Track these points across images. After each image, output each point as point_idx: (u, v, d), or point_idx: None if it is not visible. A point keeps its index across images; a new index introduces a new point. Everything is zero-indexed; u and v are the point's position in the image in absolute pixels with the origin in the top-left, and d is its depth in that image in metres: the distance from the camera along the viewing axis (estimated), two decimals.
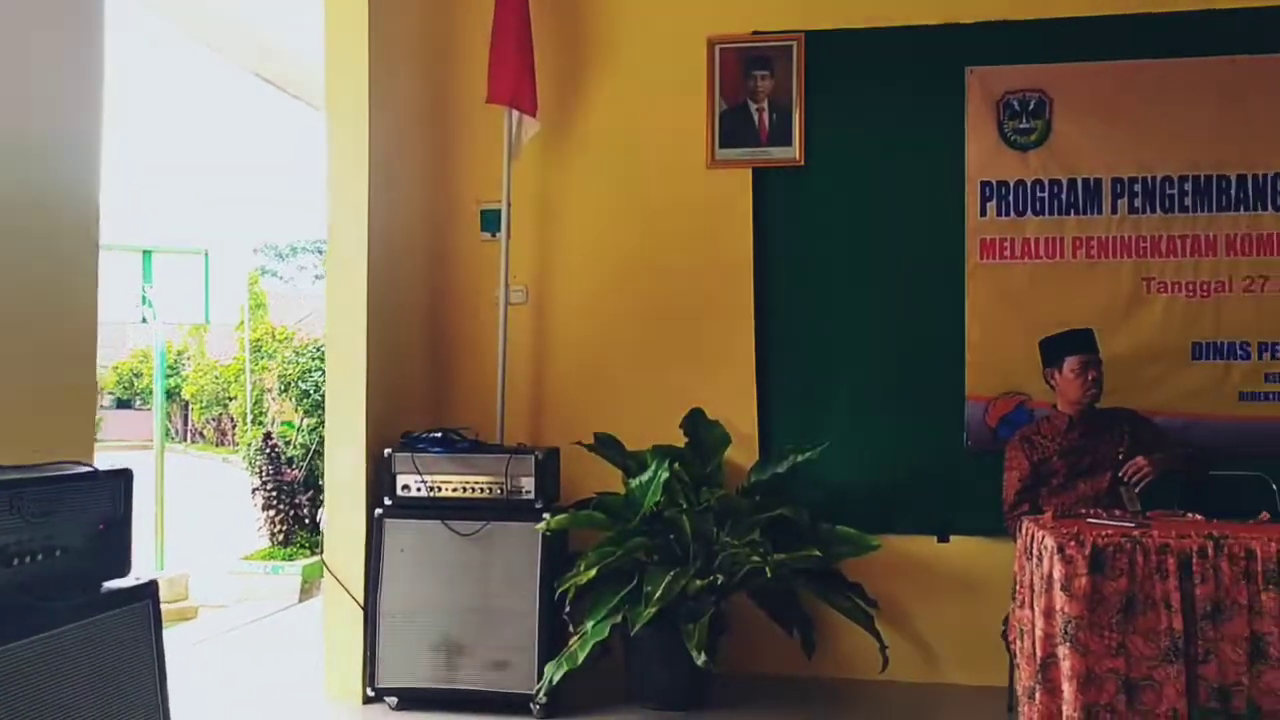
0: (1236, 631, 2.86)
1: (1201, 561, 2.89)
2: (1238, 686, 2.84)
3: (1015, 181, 4.48)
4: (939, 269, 4.53)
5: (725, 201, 4.69)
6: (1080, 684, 2.85)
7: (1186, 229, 4.37)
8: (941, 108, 4.54)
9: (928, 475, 4.51)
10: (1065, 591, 2.91)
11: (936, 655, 4.52)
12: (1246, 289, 4.32)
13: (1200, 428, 4.31)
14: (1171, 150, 4.38)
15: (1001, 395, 4.46)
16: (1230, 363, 4.33)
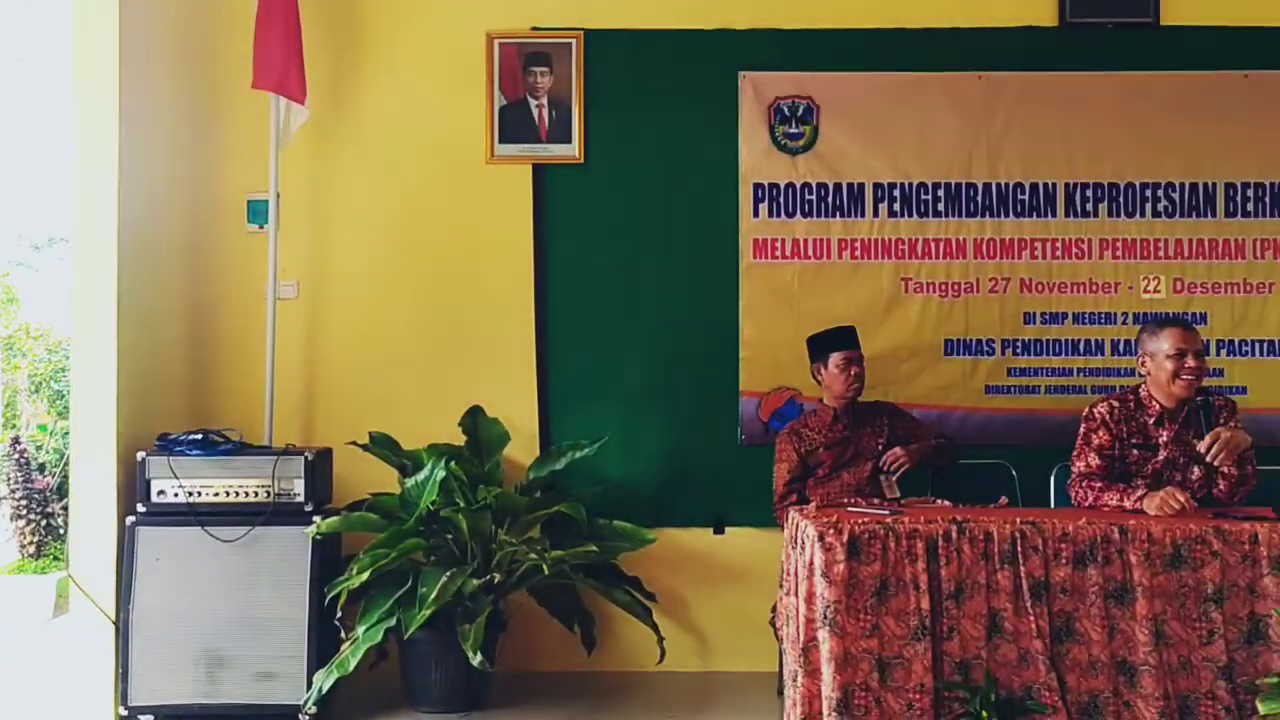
0: (976, 609, 3.06)
1: (946, 545, 3.08)
2: (977, 660, 3.04)
3: (785, 184, 4.65)
4: (714, 267, 4.64)
5: (505, 198, 4.66)
6: (838, 665, 2.98)
7: (940, 233, 4.64)
8: (716, 110, 4.65)
9: (703, 469, 4.62)
10: (825, 577, 3.03)
11: (712, 644, 4.63)
12: (991, 290, 4.63)
13: (952, 419, 4.59)
14: (926, 158, 4.65)
15: (773, 390, 4.61)
16: (977, 358, 4.63)
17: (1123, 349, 4.57)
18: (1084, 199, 4.63)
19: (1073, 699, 3.02)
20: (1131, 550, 3.06)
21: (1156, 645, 3.02)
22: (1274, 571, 3.02)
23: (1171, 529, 3.08)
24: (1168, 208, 4.62)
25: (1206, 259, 4.61)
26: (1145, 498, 3.34)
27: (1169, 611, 3.05)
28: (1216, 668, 3.01)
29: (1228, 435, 3.44)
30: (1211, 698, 3.01)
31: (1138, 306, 4.60)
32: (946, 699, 3.02)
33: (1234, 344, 4.60)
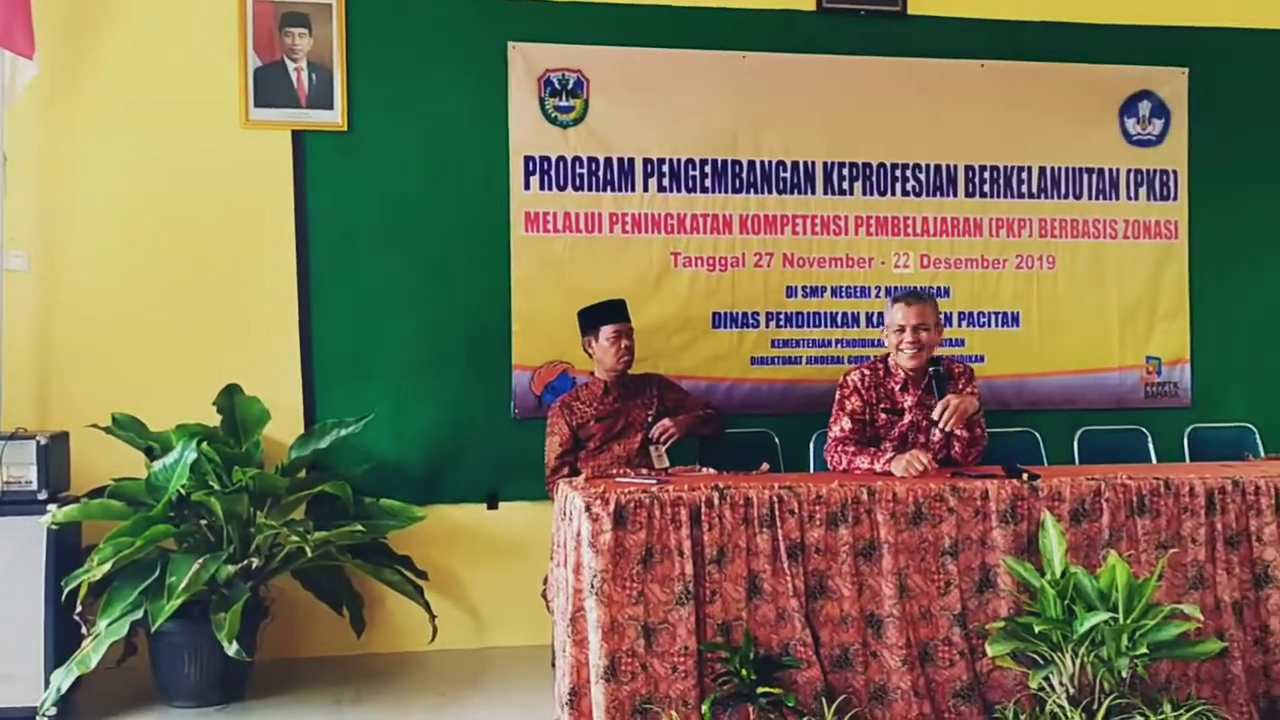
0: (737, 572, 3.16)
1: (709, 511, 3.16)
2: (738, 621, 3.14)
3: (557, 157, 4.64)
4: (486, 240, 4.59)
5: (263, 165, 4.43)
6: (605, 633, 3.01)
7: (707, 208, 4.76)
8: (486, 80, 4.59)
9: (476, 444, 4.57)
10: (592, 548, 3.05)
11: (486, 620, 4.61)
12: (756, 264, 4.79)
13: (720, 389, 4.72)
14: (694, 135, 4.74)
15: (546, 364, 4.61)
16: (744, 331, 4.78)
17: (876, 321, 4.82)
18: (840, 178, 4.85)
19: (826, 652, 3.17)
20: (879, 510, 3.24)
21: (900, 598, 3.21)
22: (1002, 525, 3.27)
23: (914, 489, 3.28)
24: (915, 188, 4.91)
25: (950, 236, 4.93)
26: (892, 460, 3.54)
27: (911, 566, 3.25)
28: (952, 615, 3.24)
29: (956, 402, 3.69)
30: (948, 643, 3.23)
31: (890, 281, 4.87)
32: (709, 660, 3.11)
33: (974, 316, 4.95)
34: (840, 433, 3.80)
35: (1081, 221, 5.02)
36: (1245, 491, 3.39)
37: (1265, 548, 3.36)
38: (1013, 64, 4.95)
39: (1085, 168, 5.02)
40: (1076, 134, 5.02)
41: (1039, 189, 4.99)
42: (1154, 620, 2.97)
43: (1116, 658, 2.96)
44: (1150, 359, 5.08)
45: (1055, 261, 5.00)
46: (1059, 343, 5.00)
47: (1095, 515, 3.33)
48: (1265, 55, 5.16)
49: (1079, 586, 3.05)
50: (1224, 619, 3.32)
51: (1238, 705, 3.28)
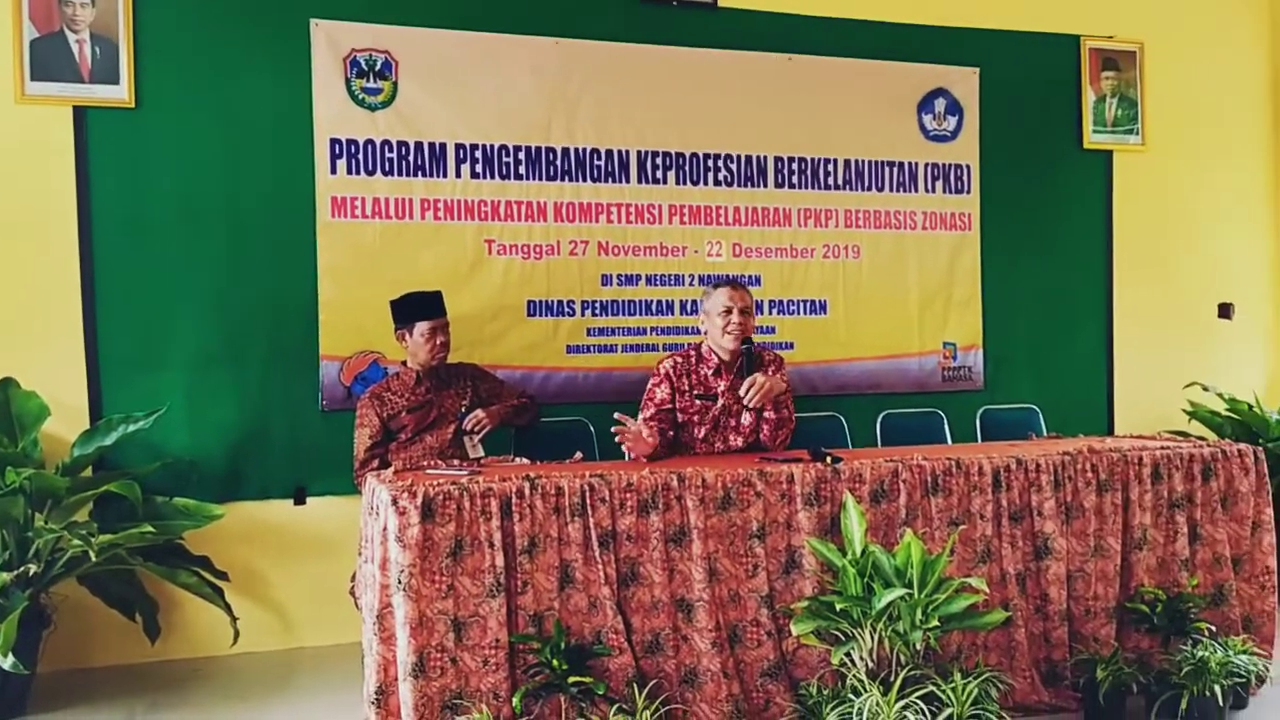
0: (549, 562, 3.14)
1: (520, 501, 3.12)
2: (550, 611, 3.12)
3: (365, 140, 4.50)
4: (289, 225, 4.41)
5: (40, 143, 4.13)
6: (413, 629, 2.94)
7: (521, 195, 4.71)
8: (288, 59, 4.40)
9: (283, 437, 4.40)
10: (399, 542, 2.98)
11: (294, 620, 4.45)
12: (571, 252, 4.77)
13: (536, 378, 4.70)
14: (507, 121, 4.69)
15: (356, 354, 4.47)
16: (559, 319, 4.77)
17: (690, 309, 4.89)
18: (654, 166, 4.89)
19: (638, 638, 3.19)
20: (689, 496, 3.27)
21: (710, 582, 3.26)
22: (807, 507, 3.36)
23: (722, 474, 3.33)
24: (727, 178, 4.99)
25: (760, 226, 5.04)
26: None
27: (720, 550, 3.30)
28: (760, 597, 3.31)
29: (763, 380, 3.79)
30: (756, 624, 3.30)
31: (703, 269, 4.94)
32: (521, 651, 3.08)
33: (783, 304, 5.08)
34: (646, 418, 3.84)
35: (884, 213, 5.22)
36: (1027, 469, 3.59)
37: (1045, 521, 3.58)
38: (818, 59, 5.10)
39: (887, 161, 5.22)
40: (878, 128, 5.21)
41: (844, 181, 5.16)
42: (945, 594, 3.11)
43: (911, 631, 3.08)
44: (947, 344, 5.33)
45: (860, 251, 5.18)
46: (864, 329, 5.19)
47: (893, 495, 3.46)
48: (1048, 56, 5.49)
49: (877, 564, 3.17)
50: (1009, 590, 3.52)
51: (1021, 670, 3.49)
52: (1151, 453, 3.73)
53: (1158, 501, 3.70)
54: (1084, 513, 3.62)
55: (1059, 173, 5.53)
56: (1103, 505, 3.64)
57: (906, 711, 2.94)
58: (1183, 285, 5.77)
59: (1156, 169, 5.68)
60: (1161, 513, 3.71)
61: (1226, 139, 5.87)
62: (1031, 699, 3.48)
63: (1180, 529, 3.70)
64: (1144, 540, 3.67)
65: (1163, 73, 5.67)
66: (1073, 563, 3.60)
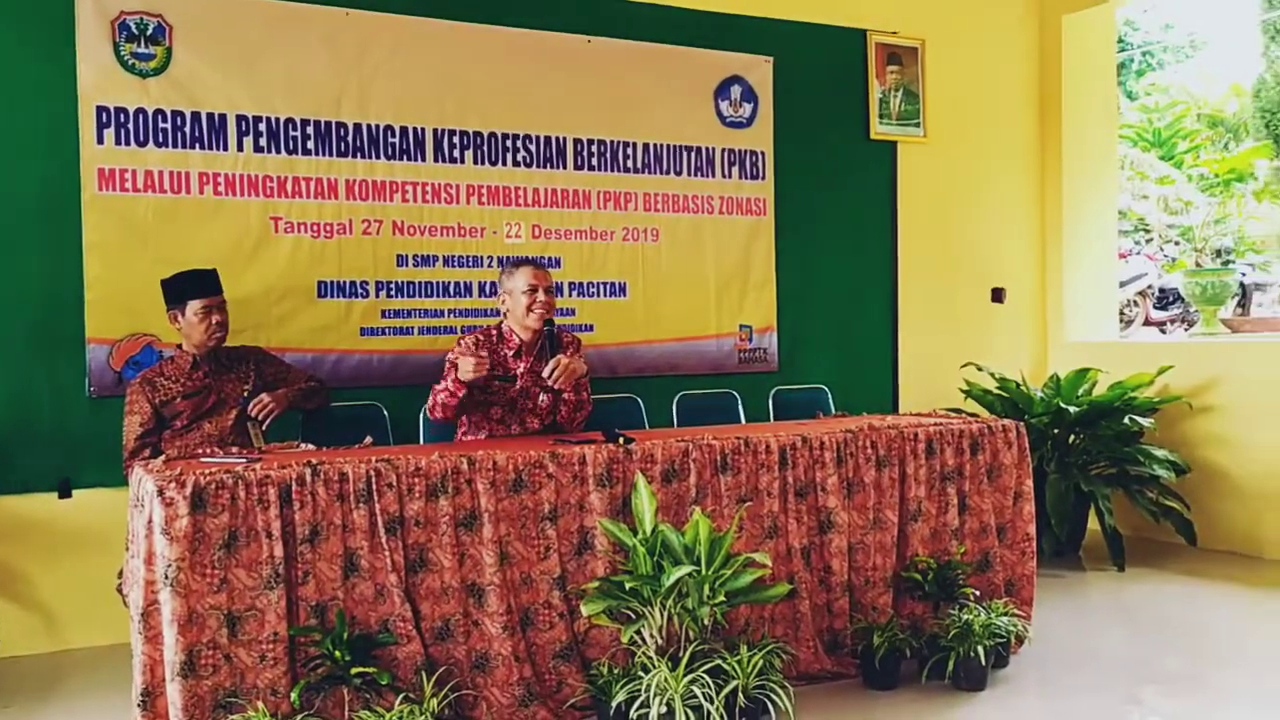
0: (332, 550, 3.03)
1: (300, 489, 3.00)
2: (333, 601, 3.02)
3: (136, 109, 4.22)
4: (51, 198, 4.10)
5: None
6: (182, 626, 2.79)
7: (310, 171, 4.53)
8: (49, 18, 4.08)
9: (44, 426, 4.11)
10: (165, 535, 2.81)
11: (61, 620, 4.16)
12: (365, 232, 4.63)
13: (327, 362, 4.54)
14: (294, 93, 4.50)
15: (127, 337, 4.21)
16: (352, 300, 4.62)
17: (489, 291, 4.83)
18: (452, 145, 4.79)
19: (427, 625, 3.13)
20: (479, 479, 3.23)
21: (501, 565, 3.23)
22: (599, 488, 3.37)
23: (514, 457, 3.30)
24: (526, 158, 4.95)
25: (560, 208, 5.02)
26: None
27: (512, 533, 3.27)
28: (552, 579, 3.30)
29: (566, 361, 3.80)
30: (548, 606, 3.30)
31: (502, 250, 4.88)
32: (302, 644, 2.97)
33: (584, 286, 5.08)
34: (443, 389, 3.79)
35: (682, 197, 5.30)
36: (812, 447, 3.72)
37: (828, 496, 3.71)
38: (618, 42, 5.11)
39: (685, 146, 5.30)
40: (677, 113, 5.28)
41: (643, 165, 5.20)
42: (731, 570, 3.19)
43: (699, 607, 3.14)
44: (743, 327, 5.47)
45: (659, 234, 5.24)
46: (662, 312, 5.26)
47: (684, 475, 3.52)
48: (837, 49, 5.70)
49: (667, 543, 3.21)
50: (794, 563, 3.64)
51: (806, 640, 3.61)
52: (926, 429, 3.92)
53: (931, 475, 3.90)
54: (864, 487, 3.77)
55: (848, 162, 5.75)
56: (881, 480, 3.81)
57: (693, 686, 3.00)
58: (961, 271, 6.11)
59: (937, 160, 5.98)
60: (934, 485, 3.90)
61: (999, 133, 6.24)
62: (815, 667, 3.61)
63: (951, 500, 3.91)
64: (919, 512, 3.86)
65: (943, 69, 5.97)
66: (854, 535, 3.75)
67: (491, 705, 3.17)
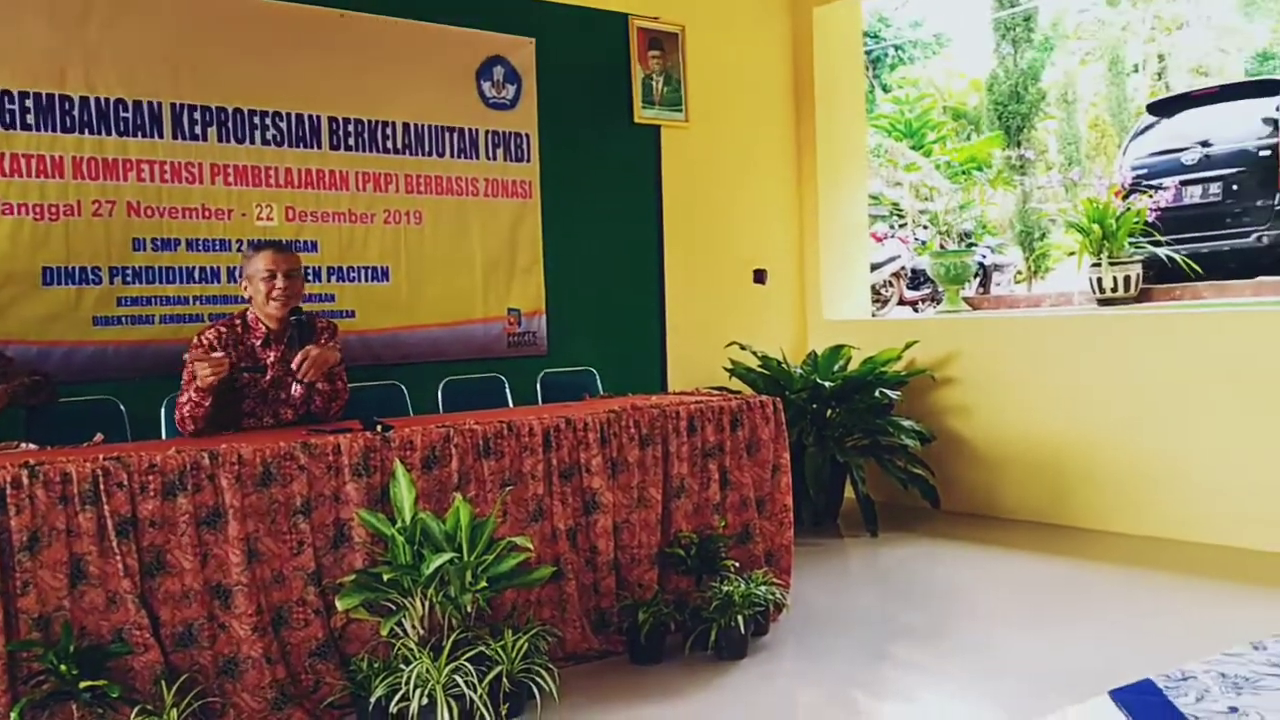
0: (56, 558, 2.80)
1: (16, 492, 2.75)
2: (59, 612, 2.79)
3: None
4: None
5: None
6: None
7: (31, 148, 4.16)
8: None
9: None
10: None
11: None
12: (95, 213, 4.29)
13: (55, 354, 4.19)
14: (9, 63, 4.10)
15: None
16: (83, 287, 4.27)
17: (238, 276, 4.56)
18: (193, 121, 4.51)
19: (166, 632, 2.94)
20: (222, 475, 3.05)
21: (249, 564, 3.06)
22: (355, 478, 3.25)
23: (261, 449, 3.14)
24: (277, 137, 4.72)
25: (315, 189, 4.82)
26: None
27: (261, 529, 3.11)
28: (306, 575, 3.16)
29: (316, 352, 3.65)
30: (302, 604, 3.16)
31: (252, 233, 4.64)
32: (24, 660, 2.72)
33: (343, 270, 4.90)
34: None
35: (446, 179, 5.19)
36: (576, 428, 3.72)
37: (593, 477, 3.72)
38: (373, 17, 4.95)
39: (448, 126, 5.19)
40: (439, 93, 5.16)
41: (404, 145, 5.06)
42: (494, 555, 3.16)
43: (461, 594, 3.09)
44: (511, 310, 5.42)
45: (422, 217, 5.12)
46: (427, 296, 5.14)
47: (445, 461, 3.45)
48: (600, 32, 5.72)
49: (427, 531, 3.14)
50: (560, 545, 3.63)
51: (573, 621, 3.62)
52: (688, 407, 4.00)
53: (693, 452, 3.98)
54: (628, 466, 3.81)
55: (613, 145, 5.79)
56: (645, 458, 3.86)
57: (456, 674, 2.94)
58: (724, 253, 6.28)
59: (699, 145, 6.11)
60: (697, 462, 3.99)
61: (758, 120, 6.44)
62: (582, 647, 3.63)
63: (713, 476, 4.01)
64: (682, 489, 3.93)
65: (703, 55, 6.10)
66: (619, 514, 3.79)
67: (242, 711, 3.01)
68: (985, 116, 13.01)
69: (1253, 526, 4.75)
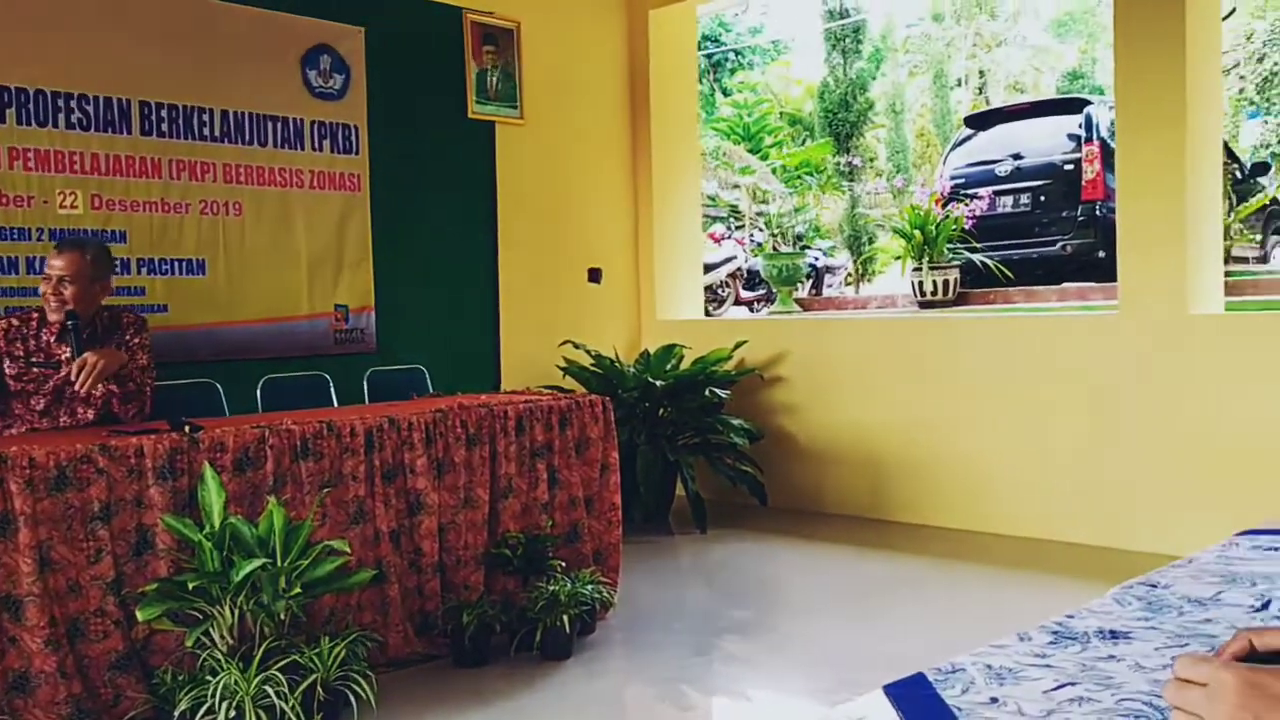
0: None
1: None
2: None
3: None
4: None
5: None
6: None
7: None
8: None
9: None
10: None
11: None
12: None
13: None
14: None
15: None
16: None
17: (39, 266, 4.29)
18: None
19: None
20: (11, 479, 2.85)
21: (41, 573, 2.87)
22: (160, 482, 3.10)
23: (55, 451, 2.95)
24: (82, 120, 4.46)
25: (124, 176, 4.57)
26: None
27: (55, 536, 2.92)
28: (105, 584, 2.99)
29: (94, 360, 3.44)
30: (101, 615, 2.98)
31: (55, 222, 4.38)
32: None
33: (154, 262, 4.67)
34: None
35: (268, 169, 5.00)
36: (400, 428, 3.64)
37: (418, 478, 3.66)
38: None
39: (271, 115, 5.01)
40: (261, 80, 4.97)
41: (223, 133, 4.85)
42: (310, 559, 3.06)
43: (274, 601, 2.98)
44: (339, 307, 5.27)
45: (242, 208, 4.92)
46: (249, 291, 4.94)
47: (260, 462, 3.32)
48: (433, 25, 5.63)
49: (238, 536, 3.02)
50: (383, 548, 3.55)
51: (395, 625, 3.54)
52: (516, 406, 3.97)
53: (522, 451, 3.96)
54: (455, 467, 3.76)
55: (446, 140, 5.70)
56: (472, 459, 3.81)
57: (266, 685, 2.84)
58: (560, 251, 6.27)
59: (535, 142, 6.08)
60: (525, 462, 3.97)
61: (595, 119, 6.46)
62: (405, 651, 3.56)
63: (541, 476, 4.00)
64: (510, 489, 3.90)
65: (539, 52, 6.07)
66: (445, 516, 3.73)
67: None
68: (817, 123, 13.42)
69: (1061, 520, 5.04)
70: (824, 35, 12.52)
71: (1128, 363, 4.84)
